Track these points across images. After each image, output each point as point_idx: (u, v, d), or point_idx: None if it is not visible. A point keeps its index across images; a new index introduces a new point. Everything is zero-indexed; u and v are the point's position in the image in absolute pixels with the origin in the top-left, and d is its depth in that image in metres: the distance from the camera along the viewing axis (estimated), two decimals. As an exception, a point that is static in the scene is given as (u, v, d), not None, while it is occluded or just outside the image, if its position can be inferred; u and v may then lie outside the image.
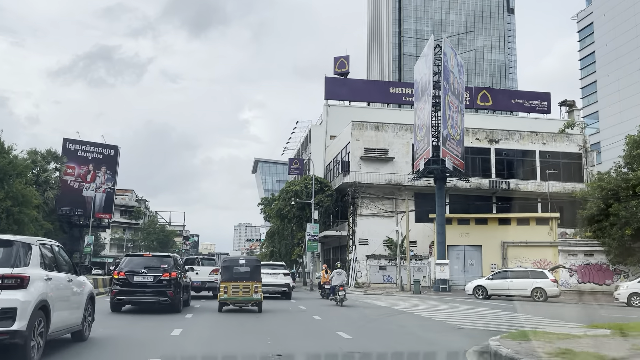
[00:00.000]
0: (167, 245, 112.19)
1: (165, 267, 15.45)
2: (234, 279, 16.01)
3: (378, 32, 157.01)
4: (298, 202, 42.05)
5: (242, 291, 15.94)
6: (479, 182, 42.62)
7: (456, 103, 35.01)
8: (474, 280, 29.64)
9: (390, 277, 38.76)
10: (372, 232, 40.87)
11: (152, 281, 15.08)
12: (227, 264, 16.57)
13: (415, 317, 16.16)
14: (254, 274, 16.22)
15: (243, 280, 16.00)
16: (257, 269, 16.52)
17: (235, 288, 15.95)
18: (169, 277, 15.14)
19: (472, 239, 37.23)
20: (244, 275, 16.04)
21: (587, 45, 79.23)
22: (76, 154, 66.22)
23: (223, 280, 16.20)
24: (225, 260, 17.30)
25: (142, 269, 15.42)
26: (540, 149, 44.25)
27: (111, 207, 69.98)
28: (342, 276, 21.25)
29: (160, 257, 16.28)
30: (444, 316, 16.29)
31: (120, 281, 15.30)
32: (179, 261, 17.98)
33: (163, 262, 15.74)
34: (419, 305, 21.72)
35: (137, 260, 16.14)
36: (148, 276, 15.20)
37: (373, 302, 23.29)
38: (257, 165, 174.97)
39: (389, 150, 42.61)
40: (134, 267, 15.57)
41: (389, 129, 43.13)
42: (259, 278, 16.34)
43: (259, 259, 19.19)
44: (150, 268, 15.40)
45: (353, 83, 56.30)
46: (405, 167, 42.48)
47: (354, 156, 42.27)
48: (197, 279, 22.11)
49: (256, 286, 16.06)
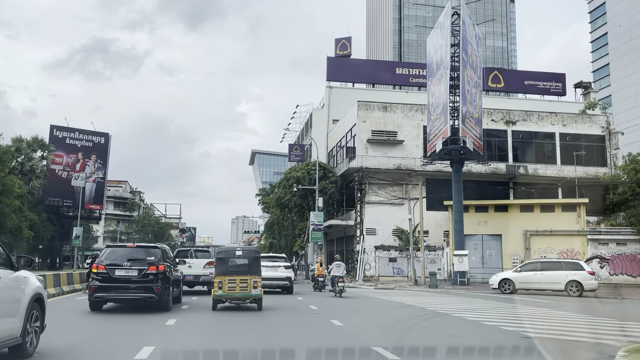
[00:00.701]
0: (163, 237, 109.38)
1: (152, 260, 13.72)
2: (230, 273, 14.17)
3: (377, 19, 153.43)
4: (300, 189, 38.85)
5: (240, 286, 14.12)
6: (495, 166, 39.41)
7: (474, 78, 31.78)
8: (500, 273, 26.55)
9: (401, 269, 35.67)
10: (381, 221, 37.72)
11: (136, 275, 13.40)
12: (222, 256, 14.63)
13: (457, 320, 13.02)
14: (252, 266, 14.38)
15: (240, 274, 14.16)
16: (256, 260, 14.61)
17: (231, 283, 14.09)
18: (155, 271, 13.51)
19: (491, 227, 34.12)
20: (241, 268, 14.26)
21: (598, 26, 75.91)
22: (64, 142, 62.79)
23: (217, 274, 14.28)
24: (220, 251, 15.32)
25: (125, 261, 13.65)
26: (560, 130, 41.04)
27: (102, 198, 66.58)
28: (341, 268, 21.61)
29: (146, 249, 14.44)
30: (491, 318, 13.17)
31: (100, 276, 13.49)
32: (169, 253, 16.02)
33: (149, 254, 13.96)
34: (445, 302, 18.64)
35: (120, 251, 14.28)
36: (132, 270, 13.46)
37: (391, 299, 20.16)
38: (255, 157, 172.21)
39: (398, 133, 39.38)
40: (115, 259, 13.78)
41: (397, 109, 39.87)
42: (258, 271, 14.48)
43: (259, 250, 16.80)
44: (135, 260, 13.63)
45: (357, 63, 52.96)
46: (415, 150, 39.29)
47: (360, 139, 39.03)
48: (190, 273, 20.35)
49: (255, 280, 14.21)
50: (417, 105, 40.24)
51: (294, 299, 19.95)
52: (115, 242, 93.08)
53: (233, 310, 14.45)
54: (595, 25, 76.95)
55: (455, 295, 23.78)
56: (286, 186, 41.96)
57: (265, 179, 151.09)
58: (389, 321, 12.91)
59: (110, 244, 17.07)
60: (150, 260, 13.68)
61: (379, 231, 37.69)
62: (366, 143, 38.97)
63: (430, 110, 33.61)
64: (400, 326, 11.85)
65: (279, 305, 16.56)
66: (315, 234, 34.33)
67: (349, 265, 41.30)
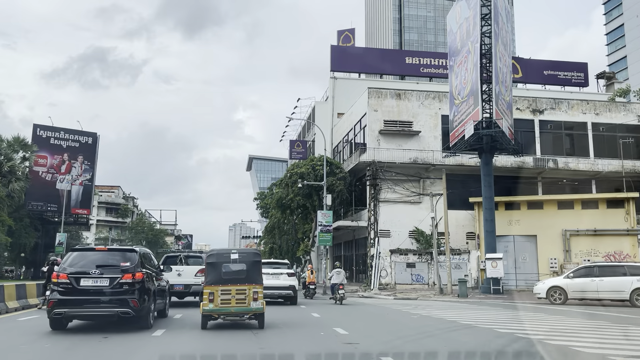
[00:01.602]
0: (157, 245, 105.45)
1: (127, 266, 11.30)
2: (224, 281, 11.46)
3: (377, 19, 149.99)
4: (305, 185, 34.51)
5: (236, 299, 11.42)
6: (521, 160, 35.27)
7: (505, 55, 27.69)
8: (547, 280, 22.35)
9: (420, 276, 31.39)
10: (395, 221, 33.51)
11: (107, 286, 11.05)
12: (214, 260, 11.76)
13: (534, 345, 8.74)
14: (252, 272, 11.63)
15: (237, 283, 11.45)
16: (256, 265, 11.81)
17: (225, 294, 11.38)
18: (131, 280, 11.16)
19: (524, 227, 29.91)
20: (237, 276, 11.51)
21: (613, 18, 72.09)
22: (48, 142, 58.56)
23: (208, 284, 11.52)
24: (211, 254, 12.25)
25: (93, 268, 11.17)
26: (592, 120, 36.92)
27: (89, 202, 62.12)
28: (341, 275, 21.26)
29: (121, 252, 11.91)
30: (580, 342, 8.95)
31: (62, 286, 11.00)
32: (150, 258, 13.49)
33: (124, 259, 11.51)
34: (497, 317, 14.46)
35: (87, 256, 11.69)
36: (102, 279, 11.09)
37: (430, 314, 15.88)
38: (252, 162, 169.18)
39: (413, 123, 35.22)
40: (82, 266, 11.26)
41: (412, 97, 35.71)
42: (259, 279, 11.73)
43: (259, 252, 13.22)
44: (106, 267, 11.24)
45: (363, 52, 48.89)
46: (433, 142, 35.14)
47: (371, 130, 34.84)
48: (180, 282, 18.08)
49: (255, 291, 11.50)
50: (433, 92, 36.16)
51: (302, 311, 16.92)
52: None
53: (228, 328, 11.72)
54: (610, 16, 73.12)
55: (498, 307, 19.57)
56: (288, 184, 37.71)
57: (263, 185, 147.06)
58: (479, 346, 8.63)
59: (75, 247, 13.49)
60: (125, 267, 11.24)
61: (394, 233, 33.47)
62: (378, 135, 34.80)
63: (453, 94, 29.46)
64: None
65: (286, 320, 13.39)
66: (324, 236, 30.00)
67: (360, 273, 37.02)
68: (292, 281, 20.15)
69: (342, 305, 19.97)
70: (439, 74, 48.48)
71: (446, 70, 49.14)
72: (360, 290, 29.82)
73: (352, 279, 38.41)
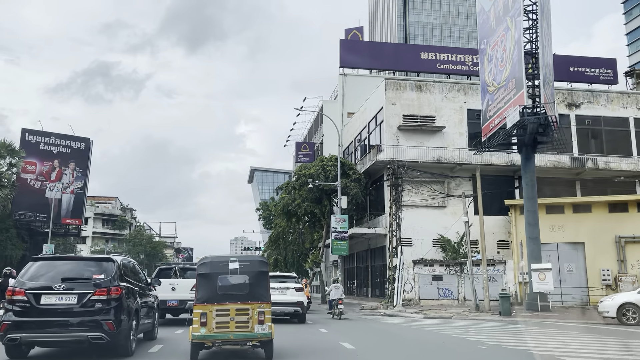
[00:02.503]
0: (156, 257, 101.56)
1: (101, 279, 9.18)
2: (221, 298, 8.88)
3: (381, 27, 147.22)
4: (316, 187, 30.61)
5: (236, 321, 8.78)
6: (556, 159, 31.48)
7: (548, 35, 23.97)
8: (616, 296, 18.42)
9: (448, 290, 27.41)
10: (417, 228, 29.62)
11: (75, 304, 8.90)
12: (207, 270, 9.18)
13: None
14: (257, 287, 9.01)
15: (237, 300, 8.86)
16: (262, 278, 9.19)
17: (222, 315, 8.80)
18: (106, 296, 9.01)
19: (569, 233, 26.03)
20: (238, 291, 8.91)
21: (634, 17, 68.66)
22: (38, 148, 54.83)
23: (200, 302, 8.99)
24: (204, 263, 9.48)
25: (58, 282, 9.01)
26: (635, 115, 33.16)
27: (82, 211, 58.05)
28: (339, 290, 21.06)
29: (95, 263, 9.75)
30: None
31: (18, 305, 8.94)
32: (136, 269, 11.46)
33: (98, 270, 9.38)
34: (593, 347, 10.60)
35: (52, 267, 9.46)
36: (69, 295, 8.93)
37: (474, 338, 11.94)
38: (254, 174, 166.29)
39: (436, 118, 31.47)
40: (45, 279, 9.13)
41: (434, 89, 31.97)
42: (266, 295, 9.08)
43: (265, 260, 10.28)
44: (75, 281, 9.07)
45: (375, 47, 45.30)
46: (458, 139, 31.35)
47: (389, 126, 31.07)
48: (174, 297, 16.55)
49: (261, 311, 8.86)
50: (458, 84, 32.45)
51: (315, 332, 14.61)
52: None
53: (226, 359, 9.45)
54: (630, 15, 69.70)
55: (568, 329, 15.67)
56: (295, 187, 33.85)
57: (265, 197, 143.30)
58: None
59: (37, 256, 10.59)
60: (98, 280, 9.24)
61: (416, 241, 29.57)
62: (397, 131, 31.02)
63: (486, 81, 25.71)
64: None
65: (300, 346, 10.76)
66: (339, 244, 26.00)
67: (377, 287, 33.04)
68: (300, 297, 18.41)
69: (371, 327, 16.17)
70: (457, 71, 44.88)
71: (464, 67, 45.58)
72: (380, 307, 25.85)
73: (366, 294, 34.36)
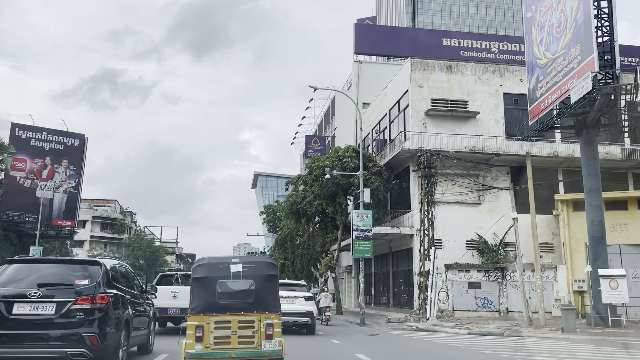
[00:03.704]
0: (156, 263, 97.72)
1: (84, 285, 7.72)
2: (220, 308, 7.03)
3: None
4: (335, 176, 26.62)
5: (239, 336, 6.92)
6: (605, 150, 27.50)
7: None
8: None
9: (488, 299, 23.40)
10: (449, 228, 25.66)
11: (53, 314, 7.55)
12: (204, 273, 7.28)
13: None
14: (264, 293, 7.14)
15: (239, 311, 6.98)
16: (270, 283, 7.28)
17: (221, 328, 6.91)
18: (89, 305, 7.60)
19: (633, 233, 22.04)
20: (241, 299, 7.10)
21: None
22: (28, 144, 51.24)
23: (195, 312, 7.09)
24: (200, 264, 7.48)
25: (34, 288, 7.62)
26: (694, 100, 29.16)
27: (75, 212, 54.14)
28: (328, 299, 21.91)
29: (79, 266, 8.15)
30: None
31: None
32: (129, 274, 9.57)
33: (82, 275, 7.87)
34: None
35: (28, 271, 7.97)
36: (46, 304, 7.56)
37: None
38: (257, 179, 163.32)
39: (469, 102, 27.59)
40: (18, 285, 7.69)
41: (467, 70, 28.12)
42: (274, 304, 7.21)
43: (274, 262, 8.10)
44: (53, 287, 7.65)
45: (392, 32, 41.57)
46: (494, 127, 27.46)
47: (415, 111, 27.19)
48: (175, 305, 15.75)
49: (270, 323, 6.98)
50: (493, 64, 28.59)
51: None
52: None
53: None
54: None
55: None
56: (307, 182, 29.99)
57: (269, 202, 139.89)
58: None
59: (12, 258, 9.06)
60: (80, 287, 7.67)
61: (447, 243, 25.60)
62: (424, 117, 27.14)
63: (535, 53, 21.79)
64: None
65: None
66: (362, 244, 21.90)
67: (400, 295, 29.05)
68: (309, 306, 17.52)
69: (409, 347, 12.24)
70: (483, 59, 40.93)
71: (490, 55, 41.62)
72: (410, 319, 21.85)
73: (387, 304, 30.29)
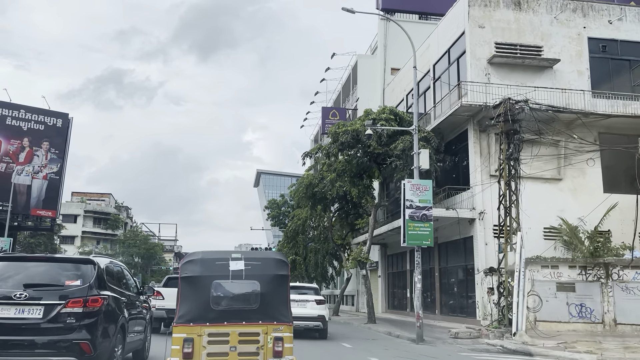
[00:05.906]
0: (153, 261, 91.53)
1: (76, 287, 6.81)
2: (216, 316, 5.58)
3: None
4: (380, 131, 20.08)
5: (240, 352, 5.43)
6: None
7: None
8: None
9: (587, 307, 16.88)
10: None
11: (40, 318, 6.60)
12: (196, 272, 5.79)
13: None
14: (272, 298, 5.68)
15: (241, 320, 5.58)
16: (280, 285, 5.80)
17: (217, 342, 5.46)
18: (82, 309, 6.65)
19: None
20: (243, 304, 5.75)
21: None
22: (4, 122, 45.20)
23: (183, 321, 5.56)
24: (192, 259, 5.98)
25: (20, 289, 6.72)
26: None
27: (56, 201, 47.69)
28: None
29: (70, 265, 7.27)
30: None
31: None
32: (124, 274, 8.66)
33: (73, 275, 6.95)
34: None
35: (13, 270, 7.05)
36: (33, 307, 6.62)
37: None
38: (260, 177, 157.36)
39: (544, 49, 21.15)
40: (2, 286, 6.76)
41: (540, 8, 21.64)
42: (284, 312, 5.74)
43: (285, 258, 5.87)
44: (41, 288, 6.80)
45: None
46: (576, 80, 21.04)
47: (475, 59, 20.73)
48: None
49: (278, 336, 5.48)
50: (573, 1, 22.06)
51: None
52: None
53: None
54: None
55: None
56: (330, 153, 23.62)
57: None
58: None
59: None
60: (72, 288, 6.75)
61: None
62: (486, 65, 20.70)
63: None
64: None
65: None
66: (419, 228, 14.67)
67: (457, 299, 22.56)
68: (321, 310, 15.90)
69: None
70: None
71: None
72: (487, 334, 15.40)
73: (433, 310, 23.71)
